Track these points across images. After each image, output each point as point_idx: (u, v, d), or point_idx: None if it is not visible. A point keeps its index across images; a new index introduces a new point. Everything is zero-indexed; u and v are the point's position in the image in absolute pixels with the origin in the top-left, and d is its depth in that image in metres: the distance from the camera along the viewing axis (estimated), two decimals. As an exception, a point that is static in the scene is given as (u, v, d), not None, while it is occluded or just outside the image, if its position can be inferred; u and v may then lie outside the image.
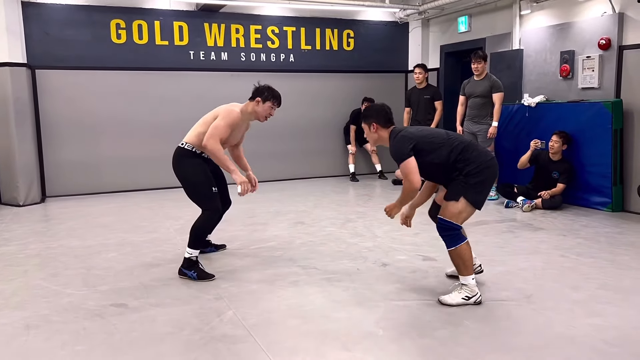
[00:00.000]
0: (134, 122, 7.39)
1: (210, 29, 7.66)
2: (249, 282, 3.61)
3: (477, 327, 2.83)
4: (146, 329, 2.89)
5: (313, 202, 6.55)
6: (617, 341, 2.65)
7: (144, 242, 4.72)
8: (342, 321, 2.95)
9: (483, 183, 3.14)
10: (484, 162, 3.13)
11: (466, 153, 3.12)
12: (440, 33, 8.49)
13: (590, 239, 4.60)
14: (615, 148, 5.62)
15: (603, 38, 5.77)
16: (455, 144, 3.15)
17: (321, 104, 8.48)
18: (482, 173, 3.11)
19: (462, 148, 3.13)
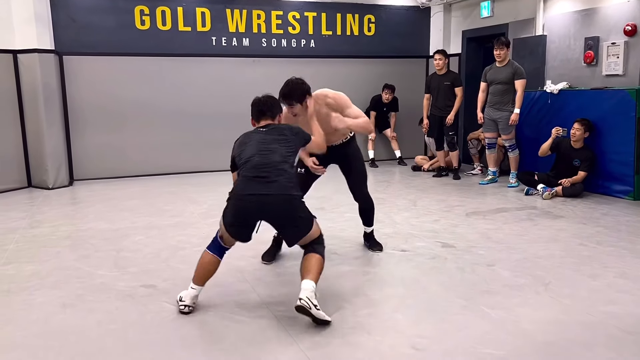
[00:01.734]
0: (157, 107, 7.53)
1: (232, 15, 7.72)
2: (272, 266, 3.74)
3: (495, 313, 2.90)
4: (175, 309, 3.03)
5: (333, 188, 6.60)
6: (633, 328, 2.70)
7: (169, 225, 4.86)
8: (361, 305, 3.04)
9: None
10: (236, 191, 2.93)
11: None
12: (462, 18, 8.42)
13: (610, 228, 4.61)
14: (638, 136, 5.57)
15: (629, 24, 5.70)
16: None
17: (342, 90, 8.26)
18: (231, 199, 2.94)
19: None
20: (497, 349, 2.52)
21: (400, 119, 8.50)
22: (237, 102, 7.91)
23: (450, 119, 7.16)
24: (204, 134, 7.80)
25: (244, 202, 2.89)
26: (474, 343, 2.58)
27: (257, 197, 2.86)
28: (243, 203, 2.90)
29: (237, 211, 2.92)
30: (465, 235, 4.43)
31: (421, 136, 8.45)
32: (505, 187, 6.44)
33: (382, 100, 8.18)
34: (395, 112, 8.36)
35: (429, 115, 7.52)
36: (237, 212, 2.93)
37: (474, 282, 3.37)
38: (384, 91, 8.11)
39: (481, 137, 7.29)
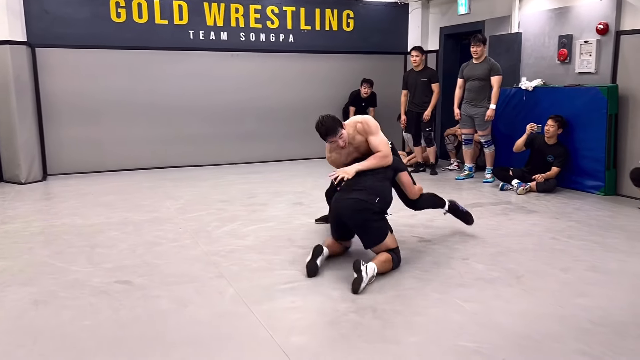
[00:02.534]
0: (133, 101, 7.43)
1: (210, 9, 7.64)
2: (249, 261, 3.72)
3: (468, 306, 2.95)
4: (150, 305, 3.01)
5: (311, 183, 6.64)
6: (602, 320, 2.77)
7: (145, 221, 4.81)
8: (339, 299, 3.06)
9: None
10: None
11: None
12: (440, 15, 8.48)
13: (581, 222, 4.72)
14: (609, 133, 5.70)
15: (601, 23, 5.80)
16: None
17: (320, 85, 8.52)
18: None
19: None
20: (470, 341, 2.56)
21: (378, 115, 8.51)
22: (215, 97, 7.89)
23: (427, 115, 7.23)
24: (182, 129, 7.73)
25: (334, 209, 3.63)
26: (449, 336, 2.62)
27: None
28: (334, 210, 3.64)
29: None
30: (441, 229, 4.48)
31: (399, 132, 8.49)
32: (481, 183, 6.54)
33: (360, 95, 8.20)
34: (374, 107, 8.39)
35: (406, 112, 7.57)
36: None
37: (449, 276, 3.42)
38: (362, 85, 8.13)
39: (458, 133, 7.37)
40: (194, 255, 3.86)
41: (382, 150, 3.71)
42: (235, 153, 8.09)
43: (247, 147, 8.16)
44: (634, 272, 3.48)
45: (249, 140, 8.18)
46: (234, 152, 8.08)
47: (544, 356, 2.44)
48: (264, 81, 8.14)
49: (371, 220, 3.46)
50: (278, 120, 8.30)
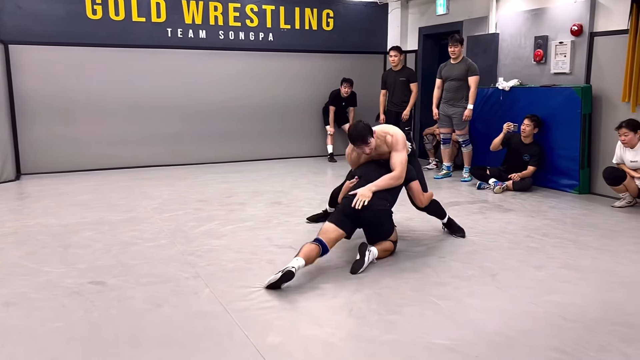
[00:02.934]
0: (110, 99, 7.32)
1: (188, 6, 7.57)
2: (226, 261, 3.70)
3: (444, 304, 2.97)
4: (124, 306, 2.97)
5: (291, 182, 6.63)
6: (574, 317, 2.81)
7: (121, 221, 4.75)
8: (315, 298, 3.06)
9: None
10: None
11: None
12: (419, 15, 8.54)
13: (556, 220, 4.79)
14: (583, 132, 5.80)
15: (575, 24, 5.90)
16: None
17: (300, 84, 8.50)
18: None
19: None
20: (445, 339, 2.58)
21: (358, 114, 8.54)
22: (193, 95, 7.82)
23: (406, 114, 7.28)
24: (159, 127, 7.65)
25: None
26: (423, 333, 2.63)
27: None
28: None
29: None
30: (418, 228, 4.51)
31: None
32: (458, 182, 6.59)
33: (340, 94, 8.21)
34: (354, 107, 8.41)
35: (385, 111, 7.61)
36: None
37: (425, 274, 3.44)
38: (342, 85, 8.14)
39: (436, 133, 7.43)
40: (170, 255, 3.82)
41: (398, 170, 3.80)
42: (213, 152, 8.03)
43: (225, 146, 8.11)
44: (605, 269, 3.55)
45: (227, 139, 8.13)
46: (213, 151, 8.03)
47: (517, 353, 2.46)
48: (243, 80, 8.10)
49: (386, 223, 3.74)
50: (257, 119, 8.26)
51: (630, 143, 5.05)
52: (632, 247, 4.14)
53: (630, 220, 4.83)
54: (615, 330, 2.66)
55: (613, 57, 5.59)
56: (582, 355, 2.42)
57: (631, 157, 5.10)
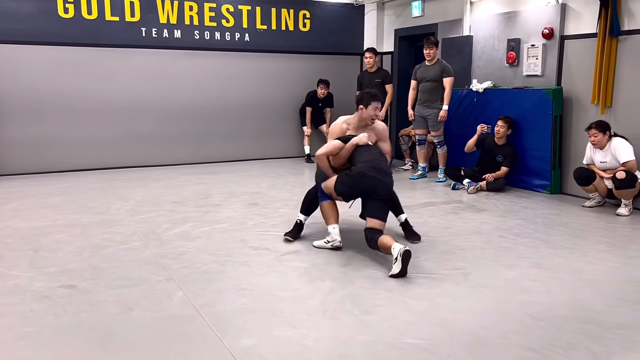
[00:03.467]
0: (82, 99, 7.21)
1: (163, 6, 7.50)
2: (200, 263, 3.67)
3: (417, 304, 3.00)
4: (95, 310, 2.92)
5: (267, 183, 6.61)
6: (542, 315, 2.87)
7: (93, 223, 4.67)
8: (290, 299, 3.06)
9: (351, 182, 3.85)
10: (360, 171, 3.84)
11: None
12: (395, 17, 8.60)
13: (528, 220, 4.87)
14: (555, 134, 5.91)
15: (546, 27, 6.01)
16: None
17: (276, 85, 8.49)
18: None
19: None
20: (417, 338, 2.60)
21: (335, 115, 8.56)
22: (168, 96, 7.74)
23: (381, 115, 7.30)
24: (134, 128, 7.55)
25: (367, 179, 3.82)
26: (396, 334, 2.65)
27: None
28: (367, 181, 3.82)
29: (361, 186, 3.84)
30: (393, 228, 4.54)
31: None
32: (433, 182, 6.66)
33: (317, 95, 8.22)
34: (331, 107, 8.43)
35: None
36: (360, 186, 3.84)
37: (399, 275, 3.47)
38: (319, 86, 8.15)
39: (412, 134, 7.49)
40: (142, 258, 3.77)
41: (389, 147, 4.36)
42: (189, 153, 7.96)
43: (201, 147, 8.05)
44: (575, 268, 3.62)
45: (203, 140, 8.07)
46: (188, 152, 7.96)
47: (488, 351, 2.50)
48: (219, 80, 8.05)
49: (388, 202, 3.96)
50: (233, 119, 8.22)
51: (599, 144, 5.16)
52: (601, 246, 4.24)
53: (599, 219, 4.94)
54: (582, 328, 2.72)
55: (583, 59, 5.72)
56: (550, 353, 2.47)
57: (601, 158, 5.21)
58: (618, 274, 3.53)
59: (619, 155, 5.04)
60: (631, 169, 4.97)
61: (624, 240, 4.30)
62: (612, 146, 5.12)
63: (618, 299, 3.10)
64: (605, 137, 5.15)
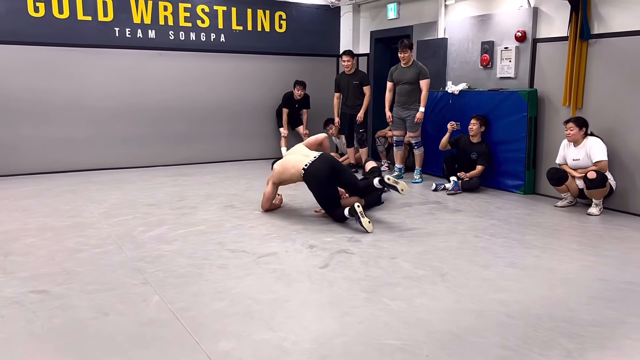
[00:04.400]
0: (54, 100, 7.06)
1: (137, 5, 7.39)
2: (176, 266, 3.62)
3: (395, 305, 3.01)
4: (69, 315, 2.86)
5: (244, 185, 6.58)
6: (518, 314, 2.91)
7: (66, 226, 4.58)
8: (268, 302, 3.04)
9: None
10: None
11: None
12: (370, 19, 8.65)
13: (502, 220, 4.95)
14: (529, 135, 6.02)
15: (519, 30, 6.12)
16: None
17: (252, 86, 8.45)
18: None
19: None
20: (395, 339, 2.62)
21: (311, 117, 8.58)
22: (142, 96, 7.64)
23: (360, 116, 7.35)
24: (107, 129, 7.43)
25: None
26: (374, 334, 2.66)
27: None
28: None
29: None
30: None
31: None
32: (410, 183, 6.71)
33: (293, 97, 8.21)
34: (307, 109, 8.43)
35: (340, 114, 7.68)
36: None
37: (376, 275, 3.48)
38: (295, 88, 8.14)
39: (388, 135, 7.54)
40: (117, 261, 3.71)
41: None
42: (164, 154, 7.87)
43: (177, 149, 7.96)
44: (548, 267, 3.69)
45: (179, 141, 7.98)
46: (163, 153, 7.86)
47: (465, 351, 2.53)
48: (194, 81, 7.97)
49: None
50: (209, 120, 8.16)
51: (573, 137, 5.24)
52: (573, 245, 4.33)
53: (571, 219, 5.05)
54: (557, 326, 2.77)
55: (554, 62, 5.84)
56: (526, 351, 2.51)
57: (574, 155, 5.31)
58: (590, 272, 3.61)
59: (592, 155, 5.15)
60: (602, 169, 5.09)
61: (595, 240, 4.40)
62: (587, 145, 5.22)
63: (590, 297, 3.17)
64: (580, 133, 5.24)
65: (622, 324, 2.82)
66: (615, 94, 5.28)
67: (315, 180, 4.76)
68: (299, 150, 5.12)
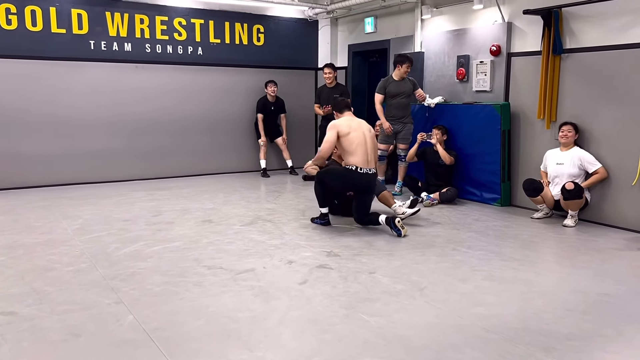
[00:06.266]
0: (27, 114, 6.91)
1: (113, 19, 7.32)
2: (151, 284, 3.55)
3: (374, 321, 2.99)
4: (38, 337, 2.77)
5: (222, 199, 6.51)
6: (496, 328, 2.92)
7: (37, 244, 4.46)
8: (245, 320, 2.99)
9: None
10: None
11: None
12: (348, 32, 8.71)
13: (480, 233, 4.98)
14: (503, 147, 6.09)
15: (494, 45, 6.22)
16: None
17: (230, 99, 8.41)
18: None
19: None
20: (375, 356, 2.59)
21: (290, 127, 8.57)
22: (118, 110, 7.54)
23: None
24: (82, 143, 7.30)
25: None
26: (353, 352, 2.63)
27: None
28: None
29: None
30: (350, 244, 4.55)
31: (311, 146, 8.57)
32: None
33: (268, 98, 8.21)
34: (284, 113, 8.41)
35: (320, 125, 7.72)
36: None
37: (355, 291, 3.46)
38: (268, 86, 8.16)
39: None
40: (90, 280, 3.61)
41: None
42: (140, 168, 7.75)
43: (153, 162, 7.85)
44: (525, 280, 3.71)
45: (155, 155, 7.88)
46: (139, 167, 7.75)
47: (444, 367, 2.51)
48: (171, 94, 7.90)
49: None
50: (187, 134, 8.08)
51: (569, 140, 5.33)
52: (549, 257, 4.38)
53: (547, 231, 5.10)
54: (534, 340, 2.77)
55: (529, 76, 5.93)
56: (504, 366, 2.51)
57: (558, 159, 5.38)
58: (566, 284, 3.64)
59: (588, 166, 5.23)
60: (604, 175, 5.18)
61: (571, 251, 4.46)
62: (574, 153, 5.31)
63: (567, 309, 3.19)
64: (575, 137, 5.34)
65: (597, 336, 2.84)
66: (587, 106, 5.39)
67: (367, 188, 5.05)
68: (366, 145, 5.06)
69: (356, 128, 5.04)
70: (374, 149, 5.14)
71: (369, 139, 5.09)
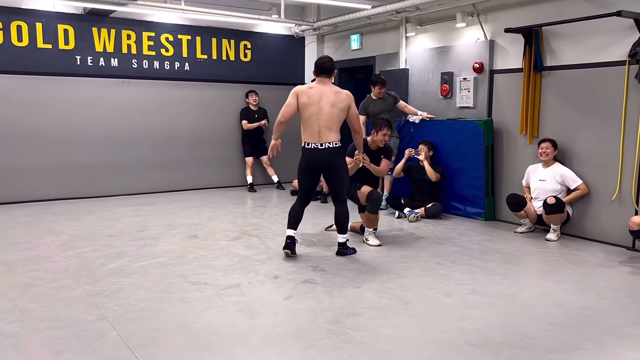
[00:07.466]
0: (12, 129, 6.88)
1: (99, 34, 7.34)
2: (135, 300, 3.53)
3: (359, 336, 3.00)
4: (20, 355, 2.74)
5: (208, 214, 6.50)
6: (479, 342, 2.94)
7: (20, 260, 4.41)
8: (230, 336, 2.99)
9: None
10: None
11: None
12: (334, 49, 8.81)
13: (464, 247, 5.03)
14: (487, 163, 6.18)
15: (477, 62, 6.33)
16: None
17: (217, 114, 8.44)
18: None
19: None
20: (359, 371, 2.60)
21: (270, 130, 8.59)
22: (104, 124, 7.53)
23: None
24: (67, 158, 7.26)
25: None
26: (338, 367, 2.64)
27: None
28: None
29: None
30: (336, 258, 4.56)
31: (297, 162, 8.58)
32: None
33: (250, 107, 8.28)
34: (266, 119, 8.41)
35: None
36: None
37: (340, 305, 3.47)
38: (249, 96, 8.27)
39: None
40: (73, 296, 3.59)
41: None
42: (125, 184, 7.72)
43: (139, 177, 7.83)
44: (508, 294, 3.75)
45: (141, 170, 7.86)
46: (125, 182, 7.72)
47: (427, 381, 2.53)
48: (158, 109, 7.91)
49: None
50: (173, 149, 8.08)
51: (549, 157, 5.41)
52: (532, 271, 4.43)
53: (530, 245, 5.17)
54: (517, 354, 2.81)
55: (511, 92, 6.05)
56: (487, 379, 2.53)
57: (541, 176, 5.46)
58: (548, 298, 3.69)
59: (570, 182, 5.32)
60: (585, 191, 5.27)
61: (553, 265, 4.52)
62: (556, 170, 5.40)
63: (548, 323, 3.23)
64: (554, 153, 5.43)
65: (578, 349, 2.88)
66: (568, 123, 5.50)
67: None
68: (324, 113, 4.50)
69: (314, 99, 4.40)
70: (331, 121, 4.40)
71: (326, 110, 4.39)
